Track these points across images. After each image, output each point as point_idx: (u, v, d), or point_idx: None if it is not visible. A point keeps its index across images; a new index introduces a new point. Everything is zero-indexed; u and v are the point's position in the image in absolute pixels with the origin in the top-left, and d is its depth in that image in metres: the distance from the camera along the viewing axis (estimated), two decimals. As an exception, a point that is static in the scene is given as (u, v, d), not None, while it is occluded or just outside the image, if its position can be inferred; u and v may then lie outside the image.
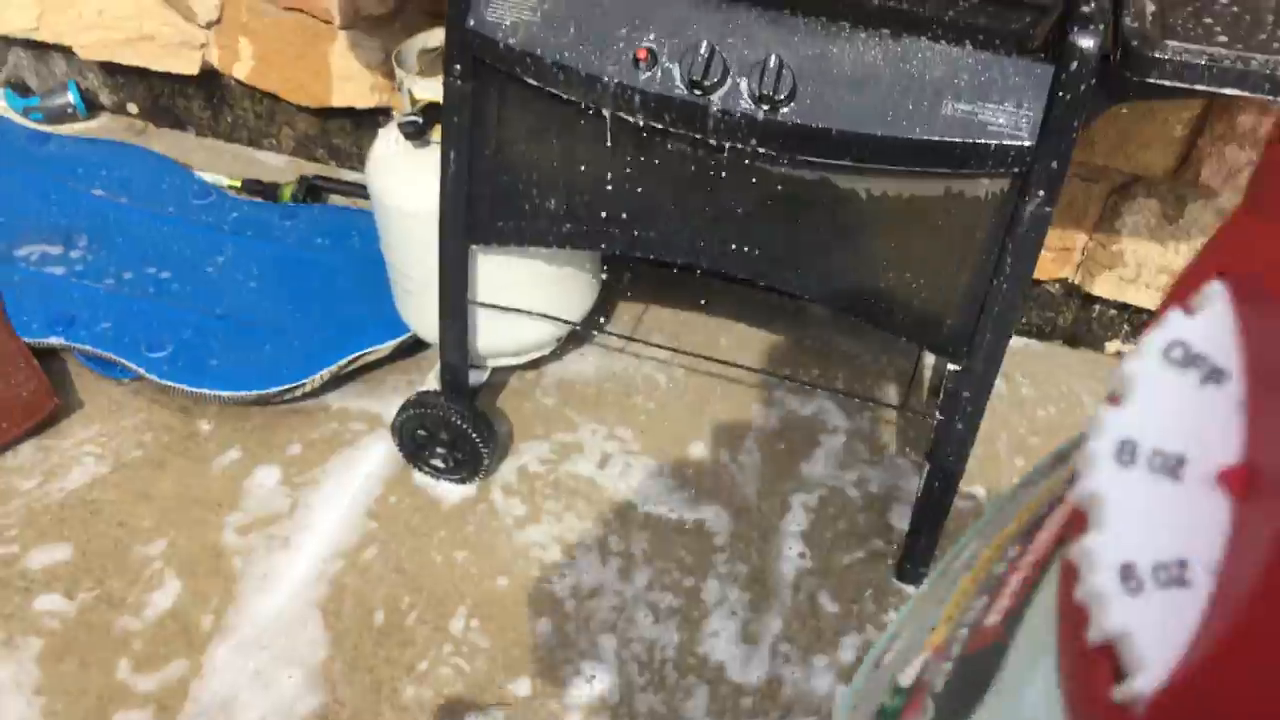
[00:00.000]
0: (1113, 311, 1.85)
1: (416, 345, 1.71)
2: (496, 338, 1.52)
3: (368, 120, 2.06)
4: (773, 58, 1.09)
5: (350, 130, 2.10)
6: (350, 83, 1.98)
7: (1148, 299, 1.79)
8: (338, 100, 2.01)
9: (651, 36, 1.12)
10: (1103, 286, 1.80)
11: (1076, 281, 1.82)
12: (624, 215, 1.25)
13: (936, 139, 1.08)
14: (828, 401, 1.71)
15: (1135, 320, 1.84)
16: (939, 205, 1.15)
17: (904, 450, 1.66)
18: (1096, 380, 1.83)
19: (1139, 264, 1.75)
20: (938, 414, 1.30)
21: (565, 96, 1.16)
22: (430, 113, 1.38)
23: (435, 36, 1.50)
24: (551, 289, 1.50)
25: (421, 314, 1.53)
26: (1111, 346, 1.88)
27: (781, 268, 1.25)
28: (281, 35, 1.96)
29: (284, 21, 1.94)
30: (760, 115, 1.10)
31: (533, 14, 1.14)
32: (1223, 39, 1.02)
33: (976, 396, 1.24)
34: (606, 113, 1.15)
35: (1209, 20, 1.05)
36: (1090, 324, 1.87)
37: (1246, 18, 1.05)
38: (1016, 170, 1.10)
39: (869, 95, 1.09)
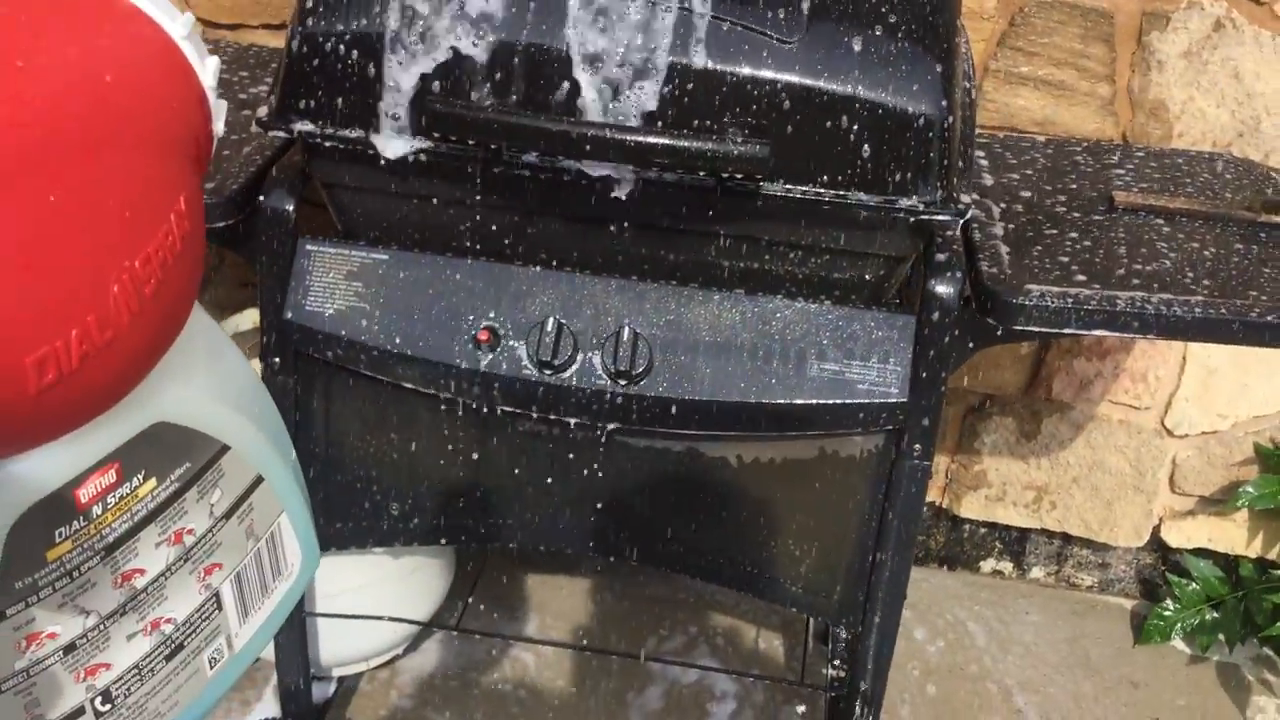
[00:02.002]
0: (983, 530, 1.80)
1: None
2: (341, 647, 1.36)
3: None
4: (625, 329, 1.02)
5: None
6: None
7: (1016, 516, 1.75)
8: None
9: (492, 315, 1.03)
10: (970, 508, 1.76)
11: (944, 505, 1.78)
12: (476, 505, 1.14)
13: (805, 403, 1.01)
14: (711, 662, 1.59)
15: (1006, 538, 1.80)
16: (814, 467, 1.08)
17: (801, 714, 1.53)
18: (979, 604, 1.76)
19: (1003, 482, 1.72)
20: (834, 687, 1.19)
21: (402, 386, 1.05)
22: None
23: (250, 317, 1.39)
24: (400, 585, 1.36)
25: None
26: (987, 565, 1.83)
27: (652, 544, 1.14)
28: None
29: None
30: (617, 391, 1.02)
31: (359, 300, 1.05)
32: (1081, 278, 0.99)
33: (877, 666, 1.14)
34: (448, 400, 1.05)
35: (1064, 258, 1.03)
36: (963, 544, 1.82)
37: (1100, 252, 1.04)
38: (890, 427, 1.04)
39: (731, 362, 1.02)
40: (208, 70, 0.53)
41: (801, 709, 1.52)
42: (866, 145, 0.93)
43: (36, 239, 0.40)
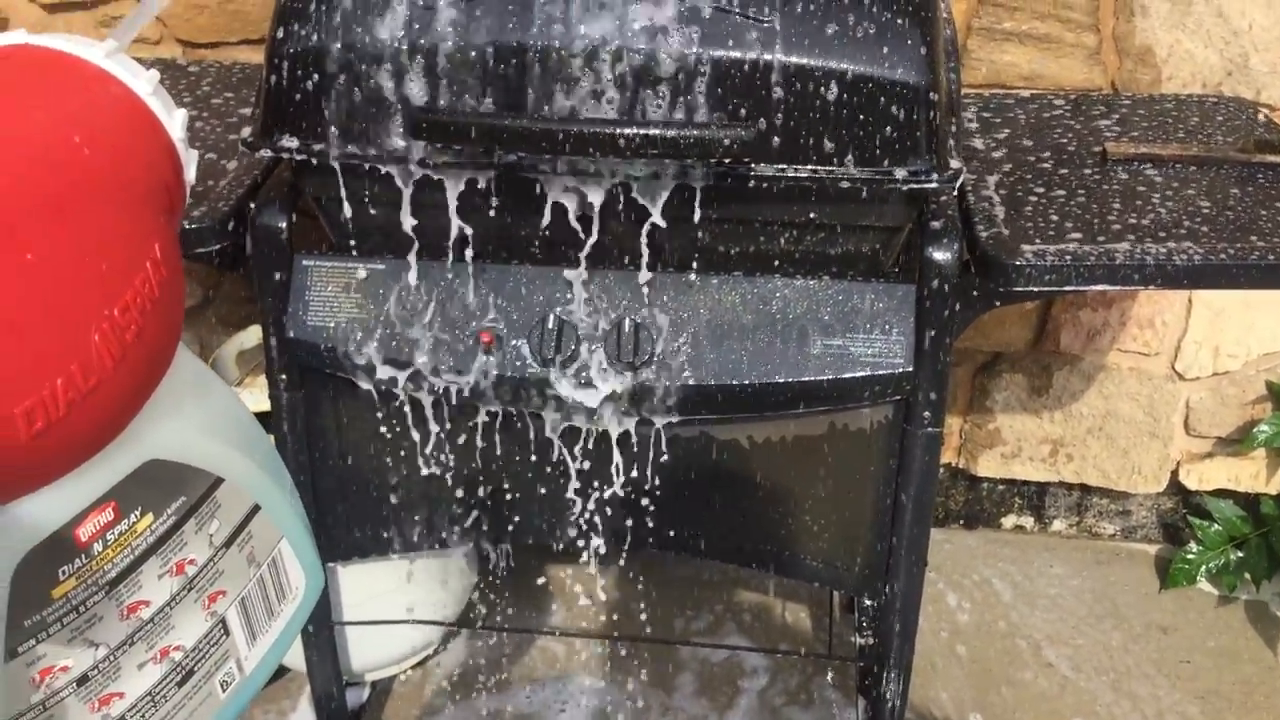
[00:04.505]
0: (1001, 488, 1.80)
1: (278, 668, 1.53)
2: (372, 651, 1.37)
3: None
4: (626, 320, 1.02)
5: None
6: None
7: (1034, 471, 1.75)
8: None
9: (493, 317, 1.04)
10: (987, 466, 1.76)
11: (960, 465, 1.78)
12: (494, 505, 1.14)
13: (811, 380, 1.02)
14: (739, 639, 1.60)
15: (1025, 493, 1.80)
16: (826, 442, 1.08)
17: (833, 683, 1.54)
18: (1004, 560, 1.77)
19: (1018, 439, 1.72)
20: (864, 656, 1.20)
21: (410, 394, 1.06)
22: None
23: (254, 334, 1.39)
24: (425, 587, 1.37)
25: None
26: (1008, 522, 1.83)
27: (671, 532, 1.15)
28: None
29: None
30: (621, 383, 1.02)
31: (359, 311, 1.05)
32: (1078, 235, 0.99)
33: (904, 633, 1.15)
34: (456, 405, 1.06)
35: (1055, 217, 1.03)
36: (982, 503, 1.82)
37: (1095, 206, 1.04)
38: (898, 397, 1.04)
39: (733, 345, 1.02)
40: (175, 123, 0.55)
41: (832, 679, 1.53)
42: (854, 119, 0.92)
43: (16, 298, 0.43)
